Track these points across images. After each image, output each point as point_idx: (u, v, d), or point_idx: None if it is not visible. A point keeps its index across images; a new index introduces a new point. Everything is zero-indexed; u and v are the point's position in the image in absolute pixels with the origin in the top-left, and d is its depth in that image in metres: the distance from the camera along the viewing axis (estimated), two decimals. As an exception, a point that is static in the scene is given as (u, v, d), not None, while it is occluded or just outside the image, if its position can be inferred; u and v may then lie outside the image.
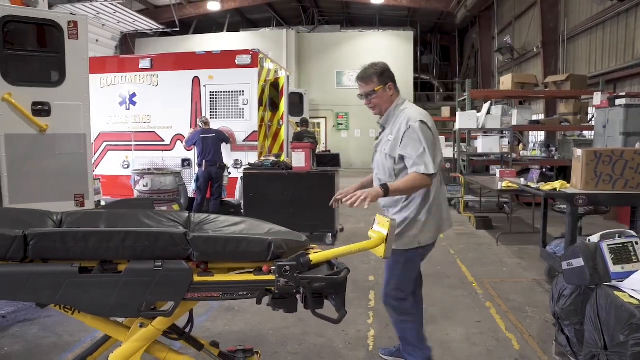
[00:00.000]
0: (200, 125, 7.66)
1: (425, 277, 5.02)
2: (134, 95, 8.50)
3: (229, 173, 7.78)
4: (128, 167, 8.49)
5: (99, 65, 8.81)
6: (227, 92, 8.42)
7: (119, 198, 7.83)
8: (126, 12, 15.40)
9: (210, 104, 8.44)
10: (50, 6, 14.30)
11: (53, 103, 3.52)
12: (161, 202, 6.61)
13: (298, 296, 2.15)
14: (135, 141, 8.61)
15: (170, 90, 8.42)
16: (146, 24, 16.98)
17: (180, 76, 8.36)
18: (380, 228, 2.31)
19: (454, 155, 8.97)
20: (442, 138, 11.73)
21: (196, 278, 1.99)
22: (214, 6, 18.83)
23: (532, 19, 13.95)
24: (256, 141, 8.45)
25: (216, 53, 8.54)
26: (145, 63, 8.41)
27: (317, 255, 2.14)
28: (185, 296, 1.97)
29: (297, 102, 11.06)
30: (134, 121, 8.56)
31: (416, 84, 21.55)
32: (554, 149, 9.43)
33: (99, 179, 6.85)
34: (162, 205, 6.69)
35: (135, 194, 6.68)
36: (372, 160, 2.90)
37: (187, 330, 2.37)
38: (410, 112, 2.66)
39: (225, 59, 8.26)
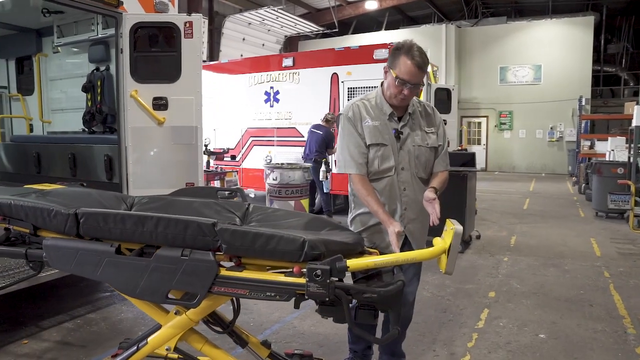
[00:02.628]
0: (322, 121, 7.66)
1: (560, 301, 4.23)
2: (277, 92, 8.98)
3: (329, 169, 7.58)
4: (270, 162, 9.00)
5: (248, 65, 9.57)
6: (364, 87, 8.31)
7: (261, 191, 8.40)
8: (288, 16, 16.49)
9: (348, 100, 8.46)
10: (222, 17, 16.00)
11: (170, 97, 3.83)
12: (288, 197, 6.81)
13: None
14: (278, 137, 9.08)
15: (309, 87, 8.67)
16: (307, 26, 17.97)
17: (320, 73, 8.53)
18: (445, 236, 1.93)
19: (629, 158, 7.36)
20: (622, 139, 9.83)
21: (222, 272, 1.89)
22: (371, 5, 18.98)
23: None
24: (393, 138, 8.21)
25: (354, 48, 8.51)
26: (288, 61, 8.81)
27: (355, 261, 1.86)
28: (212, 289, 1.88)
29: (444, 99, 10.42)
30: (277, 117, 9.03)
31: (597, 77, 18.59)
32: None
33: (237, 171, 7.38)
34: (291, 200, 6.89)
35: (266, 187, 7.00)
36: (391, 157, 2.35)
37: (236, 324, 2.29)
38: (429, 103, 2.58)
39: (363, 54, 8.17)
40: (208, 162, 7.11)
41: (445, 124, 8.40)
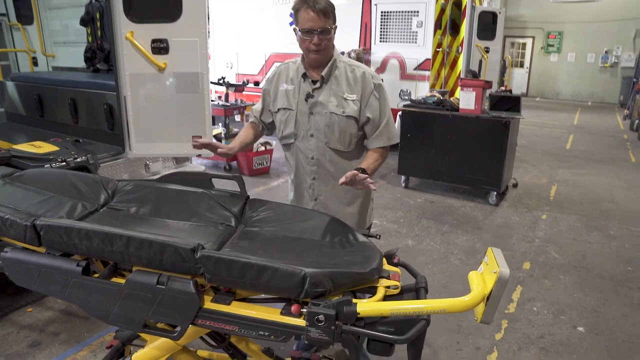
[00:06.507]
0: (352, 56, 6.93)
1: (604, 280, 3.79)
2: (304, 15, 8.17)
3: None
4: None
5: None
6: (399, 12, 7.51)
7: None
8: None
9: (381, 25, 7.67)
10: None
11: (170, 40, 3.33)
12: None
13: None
14: (303, 64, 8.42)
15: (339, 9, 7.77)
16: None
17: (350, -6, 7.66)
18: (486, 275, 1.53)
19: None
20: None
21: (207, 304, 1.57)
22: None
23: None
24: (428, 70, 7.50)
25: (390, -35, 7.51)
26: (315, -20, 7.89)
27: (369, 306, 1.50)
28: (195, 322, 1.58)
29: (489, 23, 9.35)
30: (303, 43, 8.32)
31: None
32: None
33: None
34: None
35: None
36: (292, 122, 2.18)
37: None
38: (364, 67, 2.16)
39: (400, -29, 7.22)
40: (227, 95, 6.67)
41: (488, 51, 7.51)
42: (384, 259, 1.79)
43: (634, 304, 3.35)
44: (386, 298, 1.62)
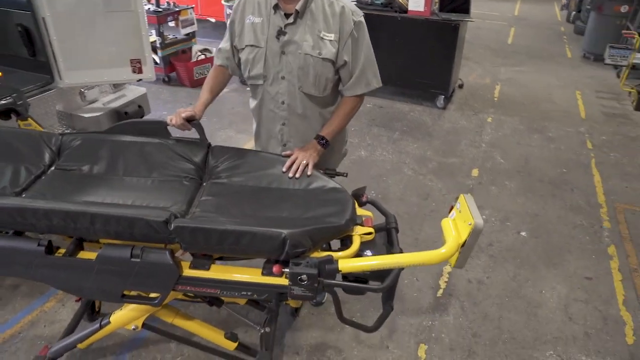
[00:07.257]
0: None
1: (544, 184, 4.10)
2: None
3: None
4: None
5: None
6: None
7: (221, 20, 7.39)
8: None
9: None
10: None
11: (91, -53, 2.86)
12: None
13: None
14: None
15: None
16: None
17: None
18: (459, 223, 1.59)
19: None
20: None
21: (186, 271, 1.56)
22: None
23: None
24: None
25: None
26: None
27: (349, 263, 1.54)
28: (175, 288, 1.57)
29: None
30: None
31: None
32: None
33: (192, 7, 6.31)
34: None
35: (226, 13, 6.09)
36: (261, 62, 1.91)
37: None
38: (344, 0, 1.87)
39: None
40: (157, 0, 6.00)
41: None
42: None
43: (567, 205, 3.67)
44: (362, 245, 1.66)
